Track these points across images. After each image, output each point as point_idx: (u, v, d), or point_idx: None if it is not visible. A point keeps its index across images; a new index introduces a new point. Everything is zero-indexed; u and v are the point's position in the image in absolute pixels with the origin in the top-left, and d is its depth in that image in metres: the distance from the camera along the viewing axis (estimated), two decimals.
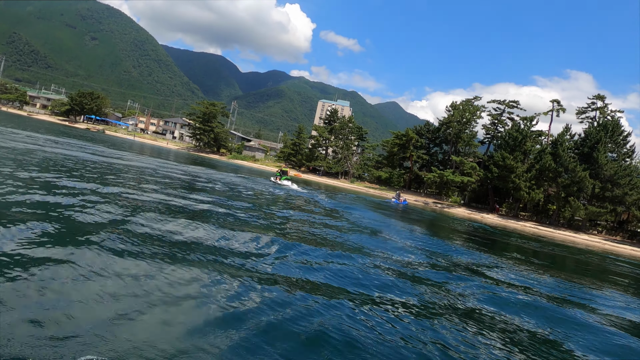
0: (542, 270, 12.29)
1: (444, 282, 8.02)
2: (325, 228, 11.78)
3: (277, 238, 8.80)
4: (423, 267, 9.10)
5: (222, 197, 13.63)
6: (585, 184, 47.70)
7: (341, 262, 7.90)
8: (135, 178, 13.64)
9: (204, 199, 12.26)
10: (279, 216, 12.56)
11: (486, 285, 8.35)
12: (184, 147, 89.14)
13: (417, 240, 13.66)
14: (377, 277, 7.33)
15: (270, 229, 9.90)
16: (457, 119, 66.10)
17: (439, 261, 10.09)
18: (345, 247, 9.40)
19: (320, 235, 10.45)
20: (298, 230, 10.57)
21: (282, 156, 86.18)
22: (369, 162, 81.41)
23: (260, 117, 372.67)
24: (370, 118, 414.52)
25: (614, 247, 39.68)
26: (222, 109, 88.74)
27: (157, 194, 11.28)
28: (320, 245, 9.14)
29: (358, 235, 11.68)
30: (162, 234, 7.39)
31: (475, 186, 61.69)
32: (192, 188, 14.37)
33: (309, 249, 8.31)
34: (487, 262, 11.65)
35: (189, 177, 18.86)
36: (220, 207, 11.23)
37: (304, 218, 13.28)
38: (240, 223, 9.90)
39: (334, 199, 26.41)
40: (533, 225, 50.77)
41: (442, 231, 20.46)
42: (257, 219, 10.61)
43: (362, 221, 15.86)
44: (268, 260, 6.99)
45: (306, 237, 9.79)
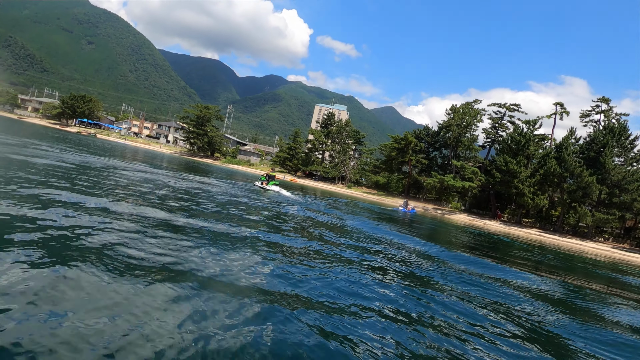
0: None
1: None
2: (331, 245, 9.67)
3: (269, 261, 6.77)
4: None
5: (206, 209, 11.58)
6: (592, 189, 45.78)
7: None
8: (102, 186, 11.58)
9: (185, 210, 10.25)
10: (272, 236, 10.39)
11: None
12: (177, 152, 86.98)
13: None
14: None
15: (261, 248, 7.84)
16: (457, 122, 64.17)
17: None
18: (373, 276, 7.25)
19: (324, 253, 8.40)
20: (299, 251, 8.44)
21: (278, 160, 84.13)
22: (366, 167, 79.37)
23: (257, 122, 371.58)
24: (367, 123, 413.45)
25: (624, 256, 37.69)
26: (217, 113, 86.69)
27: (126, 204, 9.21)
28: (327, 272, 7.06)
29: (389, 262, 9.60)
30: (136, 252, 5.62)
31: (476, 191, 59.68)
32: (174, 198, 12.33)
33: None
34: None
35: (169, 184, 16.84)
36: (201, 221, 9.15)
37: (306, 234, 11.22)
38: (231, 240, 7.86)
39: (334, 206, 24.36)
40: (537, 232, 48.76)
41: (458, 246, 18.44)
42: (250, 238, 8.43)
43: (382, 239, 13.68)
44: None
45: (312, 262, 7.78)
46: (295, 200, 21.58)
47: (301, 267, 6.80)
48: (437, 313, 5.86)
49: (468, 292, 7.40)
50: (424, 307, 6.04)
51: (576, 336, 6.01)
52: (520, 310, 6.81)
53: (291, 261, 7.15)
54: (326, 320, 4.75)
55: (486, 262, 12.02)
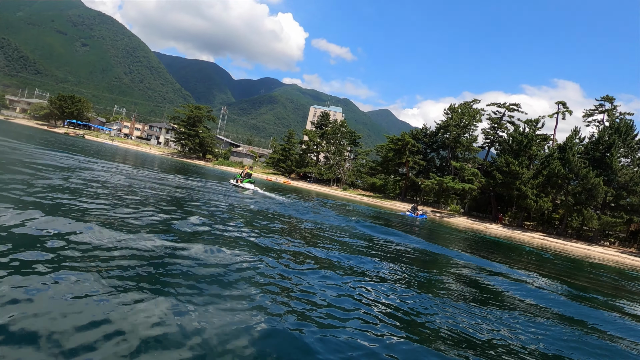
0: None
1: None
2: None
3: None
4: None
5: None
6: (598, 191, 43.68)
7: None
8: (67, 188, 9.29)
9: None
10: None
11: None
12: (167, 153, 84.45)
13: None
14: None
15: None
16: (456, 122, 62.00)
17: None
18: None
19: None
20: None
21: (271, 162, 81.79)
22: (362, 169, 77.10)
23: (253, 124, 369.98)
24: (362, 125, 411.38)
25: (635, 262, 35.54)
26: (208, 113, 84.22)
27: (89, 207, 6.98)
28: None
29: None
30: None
31: (476, 194, 57.47)
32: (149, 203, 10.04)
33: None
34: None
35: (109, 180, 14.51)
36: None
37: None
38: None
39: (318, 209, 22.07)
40: (541, 236, 46.60)
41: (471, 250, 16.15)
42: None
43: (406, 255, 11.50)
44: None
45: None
46: (268, 200, 19.14)
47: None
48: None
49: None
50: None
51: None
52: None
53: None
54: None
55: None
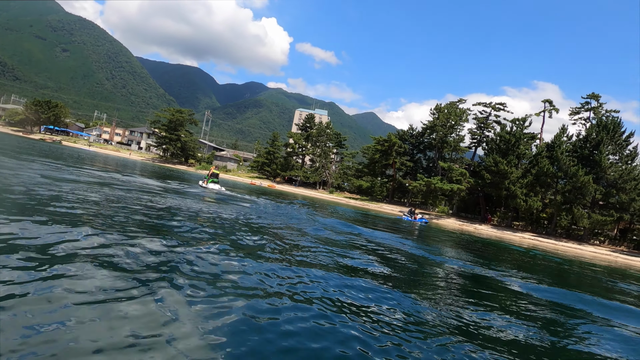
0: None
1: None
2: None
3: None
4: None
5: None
6: (588, 189, 42.94)
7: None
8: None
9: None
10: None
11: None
12: (148, 158, 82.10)
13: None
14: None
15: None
16: (442, 122, 61.05)
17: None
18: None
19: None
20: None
21: (256, 166, 79.98)
22: (348, 171, 75.75)
23: (238, 128, 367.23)
24: (348, 128, 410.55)
25: (627, 261, 34.71)
26: (190, 117, 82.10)
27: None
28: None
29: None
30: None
31: (464, 194, 56.47)
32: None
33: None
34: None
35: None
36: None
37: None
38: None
39: (319, 213, 20.53)
40: (531, 236, 45.69)
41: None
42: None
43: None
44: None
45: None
46: (231, 202, 17.51)
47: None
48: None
49: None
50: None
51: None
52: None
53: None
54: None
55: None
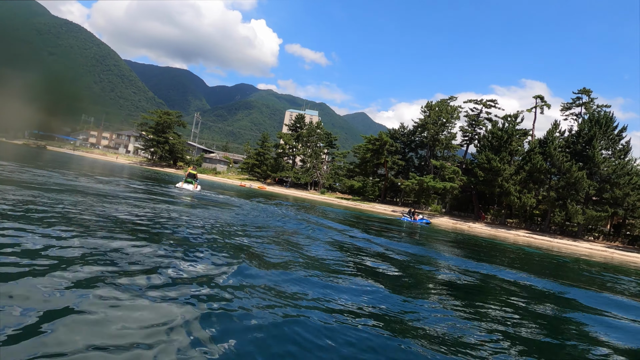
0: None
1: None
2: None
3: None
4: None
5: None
6: (582, 185, 42.41)
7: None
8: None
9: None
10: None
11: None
12: (136, 162, 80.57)
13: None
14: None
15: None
16: (434, 120, 60.37)
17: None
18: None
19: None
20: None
21: (246, 167, 78.77)
22: (340, 171, 74.81)
23: (229, 130, 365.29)
24: (339, 129, 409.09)
25: (624, 257, 34.15)
26: (178, 118, 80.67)
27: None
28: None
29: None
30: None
31: (457, 192, 55.76)
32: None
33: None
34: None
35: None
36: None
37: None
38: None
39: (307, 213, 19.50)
40: (525, 233, 45.07)
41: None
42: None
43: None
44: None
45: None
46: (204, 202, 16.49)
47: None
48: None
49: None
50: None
51: None
52: None
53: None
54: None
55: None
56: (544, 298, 7.35)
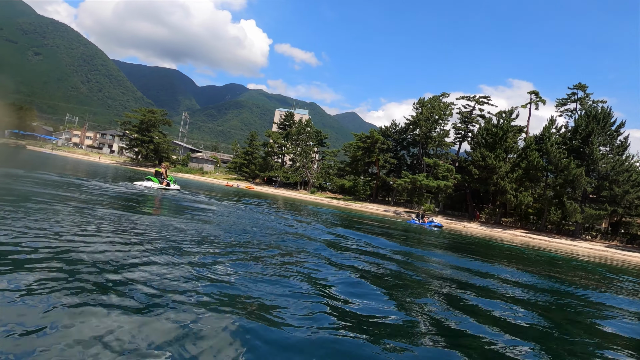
0: None
1: None
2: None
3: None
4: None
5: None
6: (580, 182, 40.90)
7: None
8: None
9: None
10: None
11: None
12: (120, 161, 77.92)
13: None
14: None
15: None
16: (426, 117, 58.63)
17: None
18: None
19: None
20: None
21: (233, 167, 76.52)
22: (330, 170, 72.86)
23: (220, 130, 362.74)
24: (330, 129, 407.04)
25: (626, 257, 32.63)
26: (163, 117, 78.12)
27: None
28: None
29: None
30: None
31: (451, 191, 54.06)
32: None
33: None
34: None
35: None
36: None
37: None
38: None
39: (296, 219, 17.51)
40: (522, 233, 43.49)
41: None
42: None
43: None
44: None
45: None
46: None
47: None
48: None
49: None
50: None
51: None
52: None
53: None
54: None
55: None
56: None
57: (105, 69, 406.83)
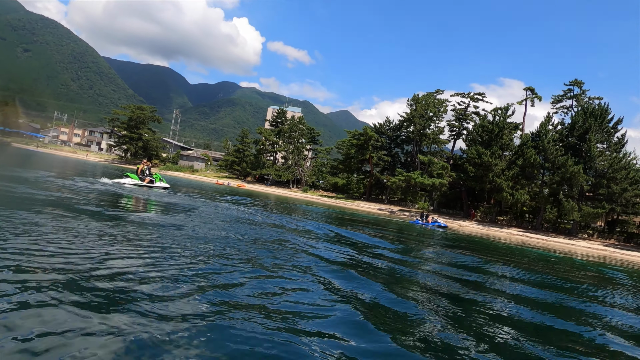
0: None
1: None
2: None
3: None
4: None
5: None
6: (578, 180, 40.09)
7: None
8: None
9: None
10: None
11: None
12: (108, 159, 76.23)
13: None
14: None
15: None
16: (420, 114, 57.58)
17: None
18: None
19: None
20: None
21: (225, 165, 75.15)
22: (323, 168, 71.69)
23: (212, 128, 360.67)
24: (323, 127, 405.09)
25: (625, 256, 31.85)
26: (152, 114, 76.44)
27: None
28: None
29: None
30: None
31: (445, 189, 53.08)
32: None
33: None
34: None
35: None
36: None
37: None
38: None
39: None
40: (518, 232, 42.61)
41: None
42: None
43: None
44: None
45: None
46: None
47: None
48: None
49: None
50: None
51: None
52: None
53: None
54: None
55: None
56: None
57: (96, 66, 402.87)
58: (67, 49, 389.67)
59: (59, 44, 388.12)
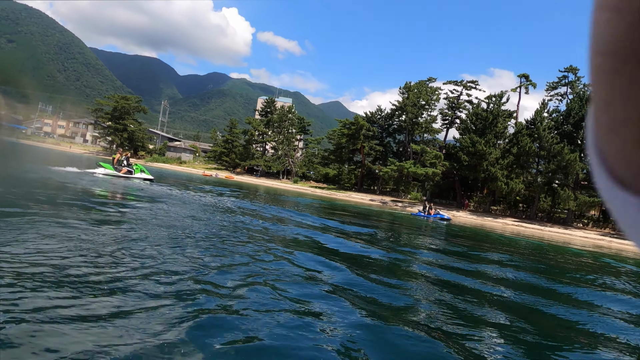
0: None
1: None
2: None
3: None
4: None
5: None
6: (574, 168, 39.25)
7: None
8: None
9: None
10: None
11: None
12: (92, 151, 74.09)
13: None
14: None
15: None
16: (413, 102, 56.27)
17: None
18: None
19: None
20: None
21: (213, 156, 73.45)
22: (314, 159, 70.27)
23: (203, 120, 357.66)
24: (314, 118, 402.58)
25: (623, 245, 31.06)
26: (137, 104, 74.27)
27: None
28: None
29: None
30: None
31: (438, 179, 52.00)
32: None
33: None
34: None
35: None
36: None
37: None
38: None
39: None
40: (513, 222, 41.72)
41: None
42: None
43: None
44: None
45: None
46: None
47: None
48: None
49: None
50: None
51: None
52: None
53: None
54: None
55: None
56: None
57: (83, 57, 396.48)
58: (52, 39, 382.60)
59: (45, 35, 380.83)
